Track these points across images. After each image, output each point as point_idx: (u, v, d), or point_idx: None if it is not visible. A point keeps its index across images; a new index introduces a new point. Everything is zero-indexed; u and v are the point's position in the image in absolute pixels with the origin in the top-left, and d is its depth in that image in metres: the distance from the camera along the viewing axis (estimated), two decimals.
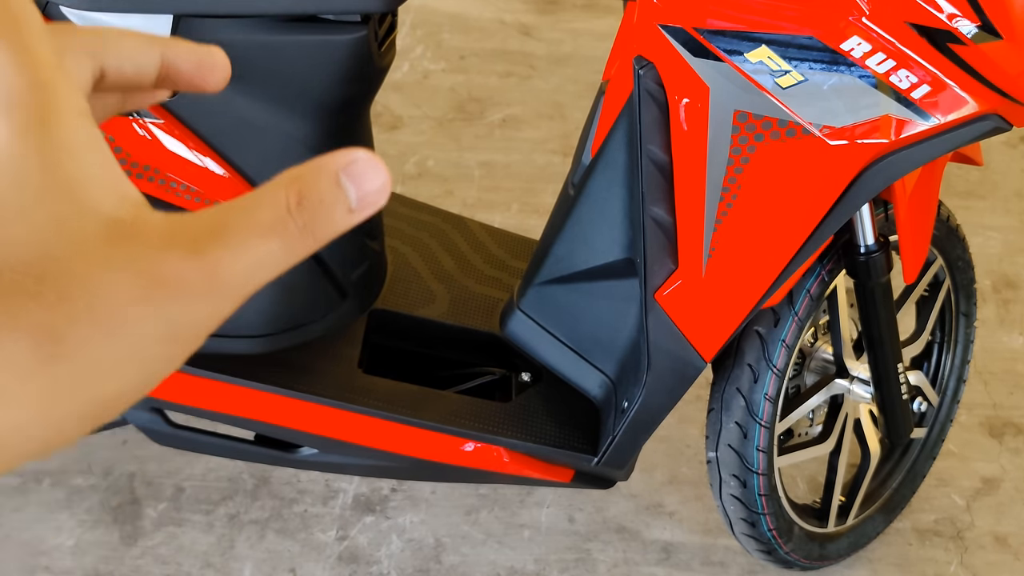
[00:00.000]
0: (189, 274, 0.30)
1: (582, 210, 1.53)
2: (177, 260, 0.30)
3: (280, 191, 0.32)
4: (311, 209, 0.32)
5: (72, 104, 0.31)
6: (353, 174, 0.33)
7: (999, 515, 2.08)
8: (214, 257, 0.30)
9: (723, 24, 1.32)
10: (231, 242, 0.31)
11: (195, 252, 0.30)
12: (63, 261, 0.29)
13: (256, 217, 0.31)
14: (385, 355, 1.75)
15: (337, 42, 1.41)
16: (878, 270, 1.58)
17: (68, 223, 0.29)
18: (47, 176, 0.29)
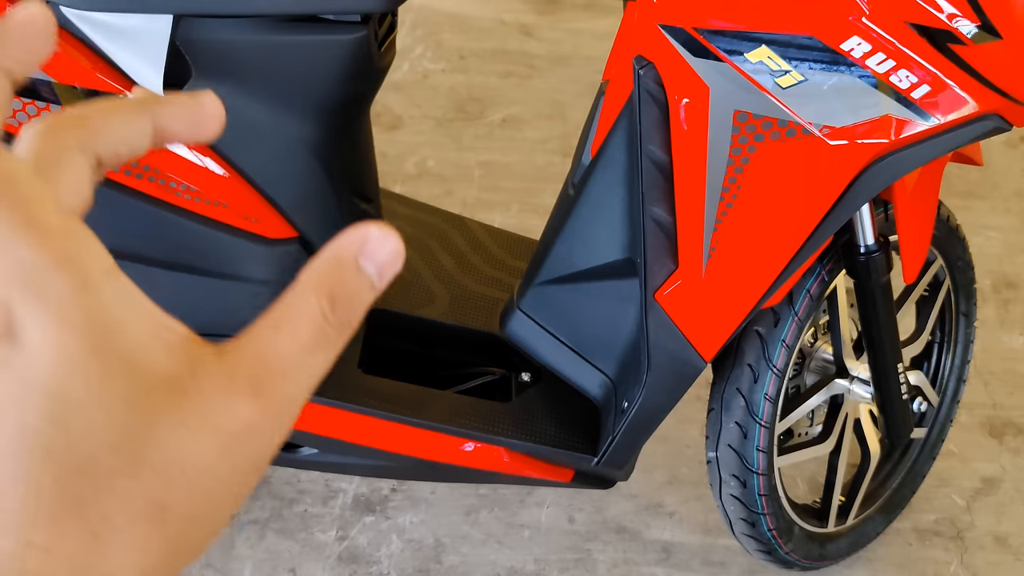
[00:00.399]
0: (258, 417, 0.31)
1: (582, 210, 1.54)
2: (244, 407, 0.31)
3: (312, 299, 0.32)
4: (344, 306, 0.32)
5: (99, 266, 0.32)
6: (369, 253, 0.33)
7: (999, 515, 2.08)
8: (274, 392, 0.31)
9: (723, 24, 1.32)
10: (285, 371, 0.31)
11: (257, 393, 0.31)
12: (145, 436, 0.30)
13: (299, 337, 0.32)
14: (385, 355, 1.75)
15: (337, 42, 1.41)
16: (878, 270, 1.58)
17: (136, 397, 0.30)
18: (101, 358, 0.30)
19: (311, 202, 1.54)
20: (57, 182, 0.32)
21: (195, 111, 0.36)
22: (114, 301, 0.31)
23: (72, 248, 0.30)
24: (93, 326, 0.30)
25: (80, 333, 0.30)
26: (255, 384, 0.31)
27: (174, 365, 0.31)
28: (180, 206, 1.48)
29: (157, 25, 1.37)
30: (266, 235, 1.53)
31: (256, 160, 1.49)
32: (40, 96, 1.39)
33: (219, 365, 0.31)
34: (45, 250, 0.29)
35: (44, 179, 0.31)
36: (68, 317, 0.29)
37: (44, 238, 0.29)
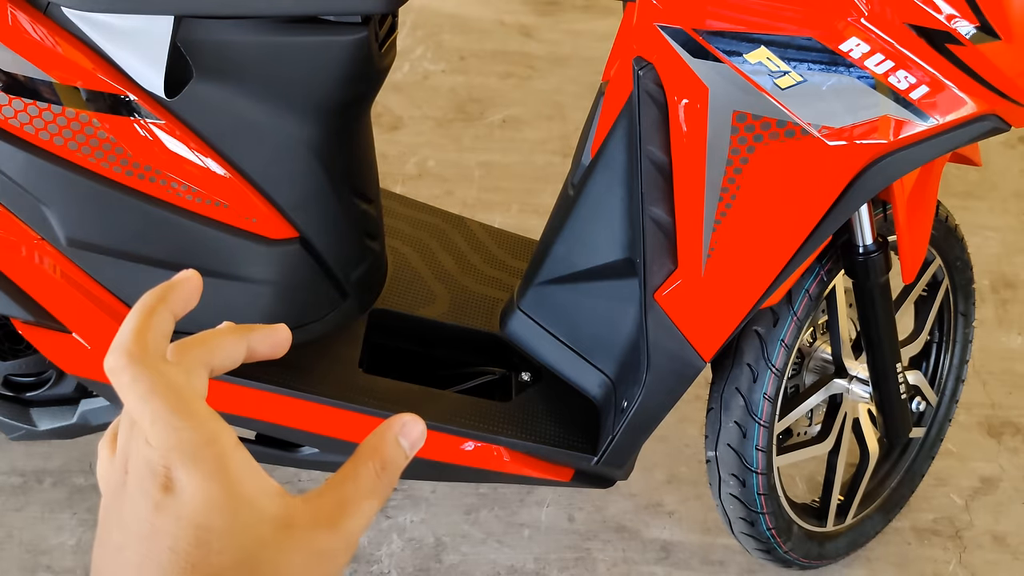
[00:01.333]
0: (335, 544, 0.47)
1: (582, 210, 1.54)
2: (326, 537, 0.46)
3: (368, 463, 0.49)
4: (389, 468, 0.50)
5: (230, 441, 0.46)
6: (405, 433, 0.52)
7: (997, 514, 2.09)
8: (346, 527, 0.47)
9: (722, 25, 1.32)
10: (353, 512, 0.48)
11: (335, 527, 0.47)
12: (263, 559, 0.44)
13: (361, 488, 0.48)
14: (385, 355, 1.76)
15: (338, 43, 1.42)
16: (877, 270, 1.58)
17: (257, 529, 0.45)
18: (233, 502, 0.44)
19: (311, 202, 1.55)
20: (193, 385, 0.48)
21: (275, 337, 0.53)
22: (240, 466, 0.45)
23: (215, 430, 0.45)
24: (228, 481, 0.44)
25: (220, 486, 0.44)
26: (332, 520, 0.47)
27: (277, 508, 0.46)
28: (181, 206, 1.48)
29: (158, 26, 1.38)
30: (266, 235, 1.53)
31: (257, 160, 1.49)
32: (41, 97, 1.39)
33: (306, 507, 0.47)
34: (199, 431, 0.45)
35: (188, 383, 0.47)
36: (213, 475, 0.44)
37: (199, 423, 0.45)
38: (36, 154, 1.41)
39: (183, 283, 0.51)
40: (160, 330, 0.48)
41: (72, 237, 1.47)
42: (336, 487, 0.48)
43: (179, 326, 0.50)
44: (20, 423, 1.67)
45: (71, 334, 1.53)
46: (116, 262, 1.50)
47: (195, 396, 0.46)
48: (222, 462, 0.45)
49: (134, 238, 1.49)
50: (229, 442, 0.46)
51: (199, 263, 1.51)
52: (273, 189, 1.51)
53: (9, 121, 1.40)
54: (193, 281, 0.52)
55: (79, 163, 1.43)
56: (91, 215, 1.46)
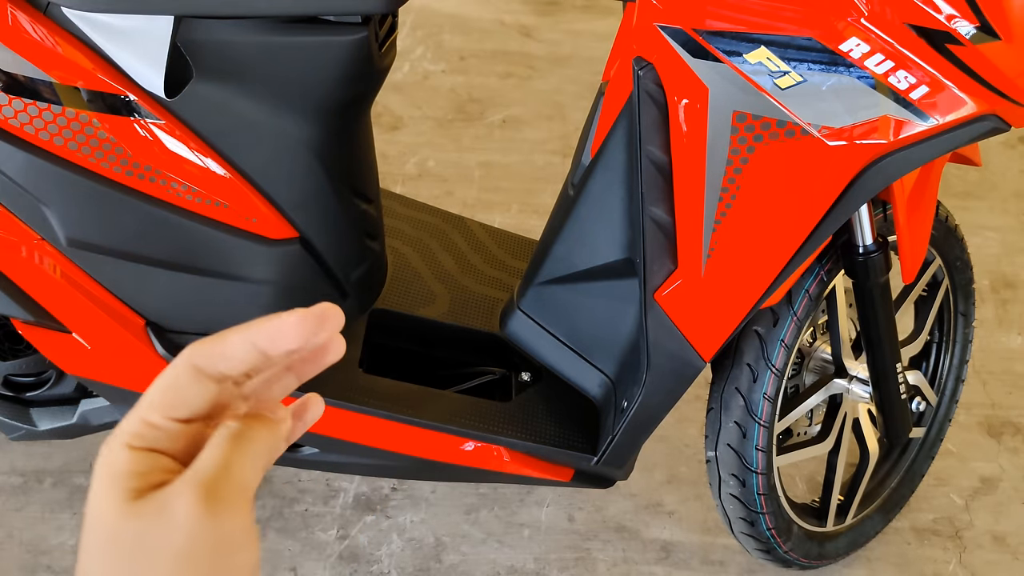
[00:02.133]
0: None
1: (582, 210, 1.54)
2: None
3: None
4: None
5: (244, 499, 0.47)
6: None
7: (997, 514, 2.09)
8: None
9: (722, 25, 1.32)
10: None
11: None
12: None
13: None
14: (385, 355, 1.76)
15: (338, 43, 1.42)
16: (877, 270, 1.58)
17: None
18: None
19: (311, 202, 1.55)
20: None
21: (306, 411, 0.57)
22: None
23: (233, 498, 0.47)
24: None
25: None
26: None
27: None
28: (181, 206, 1.48)
29: (158, 26, 1.38)
30: (267, 235, 1.53)
31: (257, 160, 1.49)
32: (41, 97, 1.39)
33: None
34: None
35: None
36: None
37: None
38: (36, 154, 1.41)
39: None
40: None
41: (72, 237, 1.47)
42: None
43: (184, 327, 0.50)
44: (20, 423, 1.67)
45: (71, 334, 1.53)
46: (116, 262, 1.50)
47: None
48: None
49: (134, 238, 1.49)
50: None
51: (199, 263, 1.51)
52: (273, 189, 1.51)
53: (9, 121, 1.40)
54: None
55: (79, 163, 1.43)
56: (91, 215, 1.46)
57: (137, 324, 1.55)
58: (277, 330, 0.50)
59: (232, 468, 0.47)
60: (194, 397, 0.49)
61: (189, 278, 1.52)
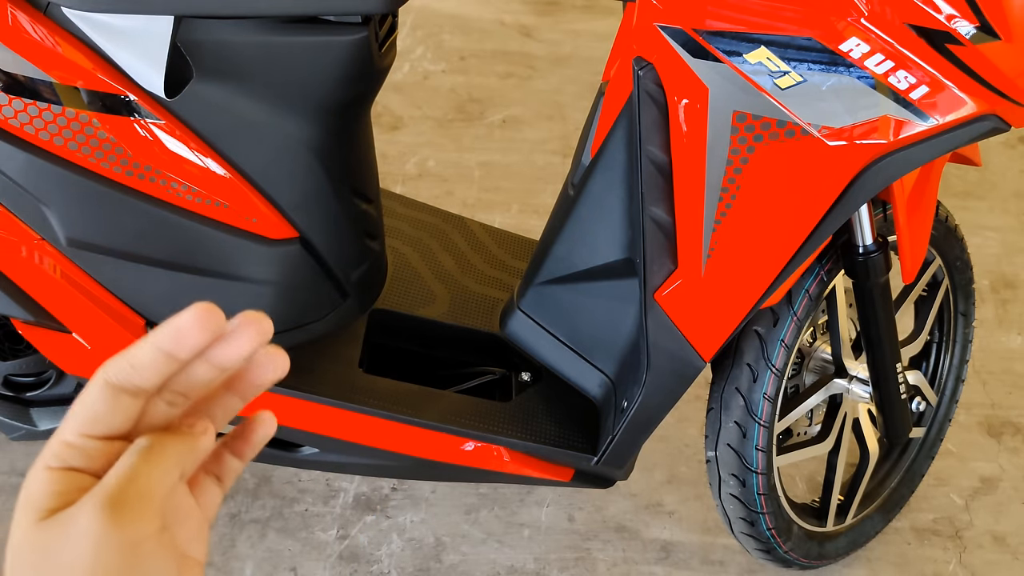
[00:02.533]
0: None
1: (582, 210, 1.54)
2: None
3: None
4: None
5: (151, 527, 0.47)
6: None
7: (997, 514, 2.09)
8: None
9: (722, 25, 1.32)
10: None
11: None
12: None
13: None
14: (385, 355, 1.76)
15: (338, 43, 1.42)
16: (877, 270, 1.58)
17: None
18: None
19: (311, 202, 1.55)
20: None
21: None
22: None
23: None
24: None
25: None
26: None
27: None
28: (181, 206, 1.48)
29: (158, 26, 1.38)
30: (267, 235, 1.53)
31: (257, 160, 1.49)
32: (41, 97, 1.39)
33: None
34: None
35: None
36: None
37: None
38: (36, 154, 1.41)
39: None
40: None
41: (72, 237, 1.47)
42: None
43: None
44: (20, 423, 1.67)
45: (71, 334, 1.53)
46: (116, 262, 1.50)
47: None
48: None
49: (134, 238, 1.49)
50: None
51: (199, 263, 1.51)
52: (273, 189, 1.51)
53: (9, 121, 1.40)
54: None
55: (79, 163, 1.43)
56: (91, 215, 1.46)
57: (137, 324, 1.55)
58: (176, 328, 0.49)
59: (137, 479, 0.46)
60: (109, 413, 0.48)
61: (189, 278, 1.52)
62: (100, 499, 0.46)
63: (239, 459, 0.55)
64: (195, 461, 0.50)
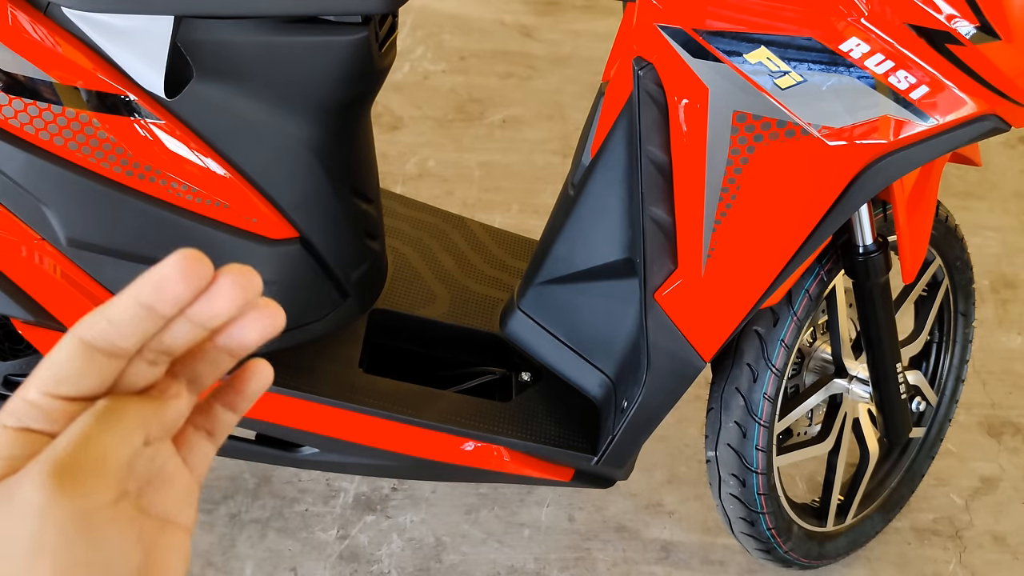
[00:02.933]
0: None
1: (582, 210, 1.54)
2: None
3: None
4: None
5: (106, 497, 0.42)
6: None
7: (998, 514, 2.09)
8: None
9: (722, 25, 1.32)
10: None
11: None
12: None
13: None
14: (385, 355, 1.76)
15: (338, 43, 1.42)
16: (877, 270, 1.58)
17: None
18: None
19: (312, 202, 1.55)
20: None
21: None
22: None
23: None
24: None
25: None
26: None
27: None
28: (181, 206, 1.48)
29: (158, 26, 1.38)
30: (267, 235, 1.53)
31: (257, 160, 1.49)
32: (41, 97, 1.39)
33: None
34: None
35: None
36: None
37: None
38: (36, 154, 1.41)
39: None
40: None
41: (72, 237, 1.47)
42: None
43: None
44: None
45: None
46: (116, 262, 1.50)
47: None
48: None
49: (134, 238, 1.49)
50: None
51: None
52: (273, 189, 1.51)
53: (9, 121, 1.40)
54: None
55: (79, 163, 1.43)
56: (91, 215, 1.46)
57: None
58: (157, 279, 0.43)
59: (89, 444, 0.41)
60: (79, 374, 0.43)
61: None
62: (47, 466, 0.40)
63: (232, 412, 0.49)
64: (165, 426, 0.45)
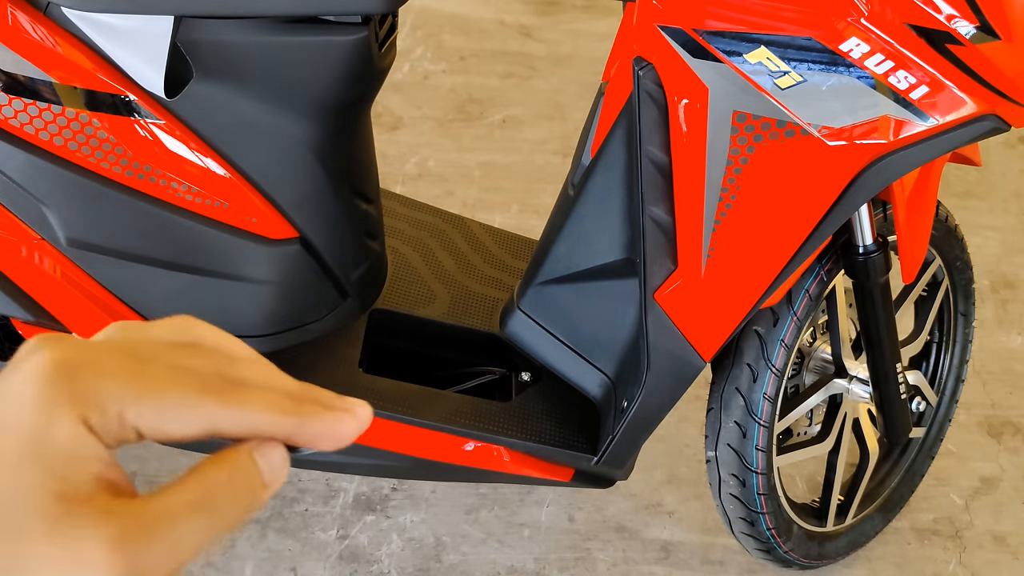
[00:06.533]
0: (111, 560, 0.33)
1: (582, 210, 1.54)
2: (98, 549, 0.33)
3: (208, 469, 0.36)
4: (232, 485, 0.36)
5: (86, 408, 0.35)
6: (264, 452, 0.37)
7: (997, 514, 2.09)
8: (135, 544, 0.33)
9: (722, 25, 1.32)
10: (158, 525, 0.34)
11: (119, 542, 0.33)
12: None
13: (183, 498, 0.35)
14: (385, 355, 1.76)
15: (338, 43, 1.42)
16: (877, 270, 1.58)
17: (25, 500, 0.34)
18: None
19: (311, 202, 1.55)
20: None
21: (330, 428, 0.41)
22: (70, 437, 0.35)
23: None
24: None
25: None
26: (123, 534, 0.33)
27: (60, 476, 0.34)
28: (181, 206, 1.48)
29: (158, 26, 1.38)
30: (267, 235, 1.53)
31: (257, 160, 1.49)
32: (41, 97, 1.39)
33: (118, 506, 0.34)
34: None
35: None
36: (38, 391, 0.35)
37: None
38: (36, 154, 1.42)
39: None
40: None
41: (72, 237, 1.47)
42: (159, 493, 0.35)
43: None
44: None
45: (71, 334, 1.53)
46: (116, 262, 1.50)
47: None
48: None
49: (134, 238, 1.49)
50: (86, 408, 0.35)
51: (199, 263, 1.51)
52: (273, 189, 1.51)
53: (9, 121, 1.40)
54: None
55: (79, 163, 1.43)
56: (91, 215, 1.46)
57: None
58: (343, 427, 0.39)
59: (167, 535, 0.34)
60: (191, 434, 0.37)
61: (189, 278, 1.52)
62: (113, 533, 0.33)
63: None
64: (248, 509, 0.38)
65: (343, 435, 0.39)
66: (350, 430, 0.39)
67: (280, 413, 0.38)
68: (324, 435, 0.39)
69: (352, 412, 0.40)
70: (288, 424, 0.38)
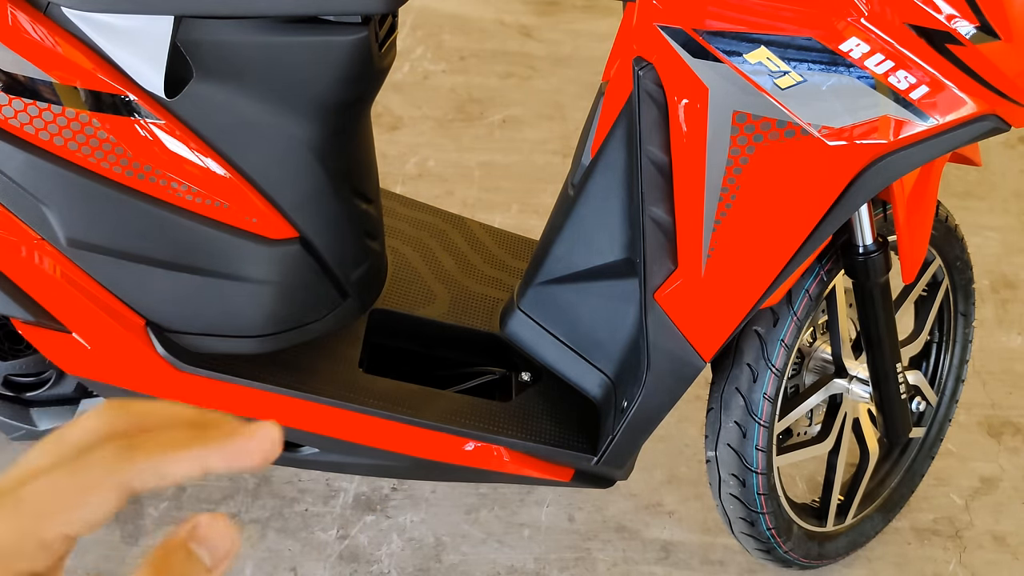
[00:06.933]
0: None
1: (582, 210, 1.54)
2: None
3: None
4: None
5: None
6: (201, 538, 0.38)
7: (997, 514, 2.09)
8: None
9: (722, 25, 1.32)
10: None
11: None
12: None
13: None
14: (385, 355, 1.76)
15: (338, 43, 1.42)
16: (877, 270, 1.58)
17: None
18: None
19: (311, 202, 1.55)
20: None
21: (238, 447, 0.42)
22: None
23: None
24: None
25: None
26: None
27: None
28: (181, 206, 1.48)
29: (158, 26, 1.37)
30: (267, 235, 1.53)
31: (257, 160, 1.49)
32: (41, 97, 1.39)
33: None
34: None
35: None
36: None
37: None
38: (36, 154, 1.41)
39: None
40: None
41: (72, 237, 1.47)
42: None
43: (184, 327, 0.43)
44: (20, 423, 1.67)
45: (71, 334, 1.53)
46: (116, 262, 1.50)
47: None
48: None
49: (134, 238, 1.49)
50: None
51: (199, 263, 1.51)
52: (273, 189, 1.51)
53: (9, 121, 1.40)
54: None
55: (79, 163, 1.43)
56: (91, 215, 1.46)
57: (137, 324, 1.55)
58: (241, 446, 0.41)
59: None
60: (107, 518, 0.41)
61: (189, 278, 1.52)
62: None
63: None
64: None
65: (253, 451, 0.40)
66: (259, 446, 0.40)
67: (181, 449, 0.39)
68: (234, 454, 0.40)
69: (253, 430, 0.41)
70: (192, 456, 0.39)
